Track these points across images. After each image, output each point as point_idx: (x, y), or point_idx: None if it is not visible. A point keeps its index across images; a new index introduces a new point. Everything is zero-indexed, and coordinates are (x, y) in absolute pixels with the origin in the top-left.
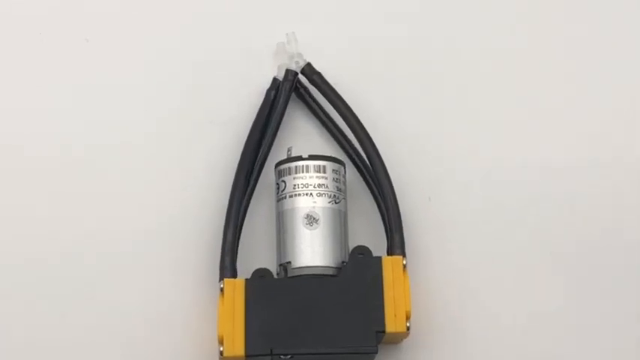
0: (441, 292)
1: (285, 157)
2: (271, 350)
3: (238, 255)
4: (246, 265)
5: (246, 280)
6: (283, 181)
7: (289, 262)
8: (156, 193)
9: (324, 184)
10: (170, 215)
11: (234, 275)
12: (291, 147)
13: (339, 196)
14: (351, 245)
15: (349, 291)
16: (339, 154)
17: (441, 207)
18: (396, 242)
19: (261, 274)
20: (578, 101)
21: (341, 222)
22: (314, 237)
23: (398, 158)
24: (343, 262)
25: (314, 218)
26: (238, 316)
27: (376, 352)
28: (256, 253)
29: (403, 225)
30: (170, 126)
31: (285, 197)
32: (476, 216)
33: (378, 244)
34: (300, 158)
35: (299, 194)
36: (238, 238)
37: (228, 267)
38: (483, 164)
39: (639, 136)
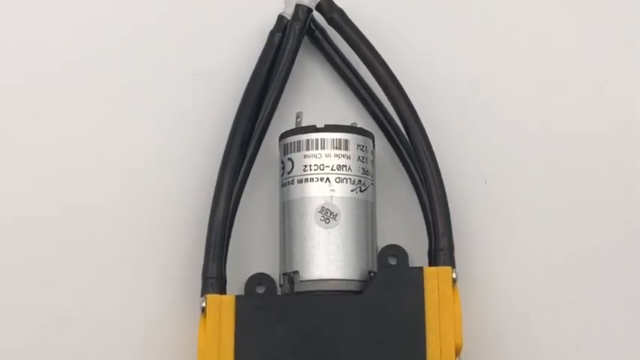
0: (500, 313)
1: (294, 126)
2: None
3: (229, 259)
4: (239, 274)
5: (238, 297)
6: (290, 160)
7: (296, 272)
8: (119, 172)
9: (345, 166)
10: (137, 205)
11: (221, 289)
12: (300, 112)
13: (366, 182)
14: (380, 246)
15: (378, 315)
16: (367, 123)
17: (501, 191)
18: (442, 247)
19: (257, 282)
20: None
21: (368, 217)
22: (331, 238)
23: (445, 128)
24: (370, 272)
25: (331, 212)
26: (226, 347)
27: None
28: (253, 257)
29: (452, 219)
30: (138, 79)
31: (293, 182)
32: (548, 205)
33: (415, 245)
34: (313, 129)
35: (311, 179)
36: (228, 237)
37: (212, 277)
38: (556, 139)
39: None
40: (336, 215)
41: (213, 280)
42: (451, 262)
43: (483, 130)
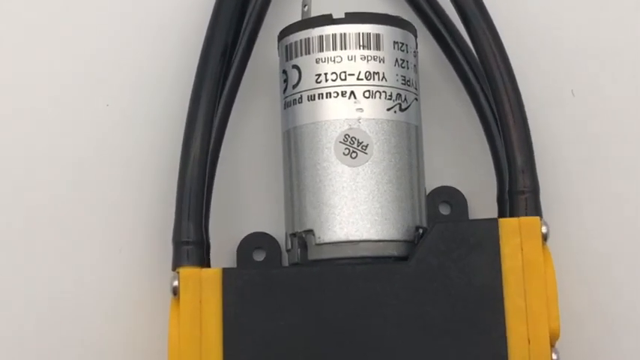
0: (603, 282)
1: (300, 17)
2: None
3: (213, 218)
4: (228, 238)
5: (226, 270)
6: (296, 68)
7: (310, 232)
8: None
9: (377, 73)
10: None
11: (201, 259)
12: None
13: (408, 97)
14: (427, 189)
15: (432, 292)
16: (405, 12)
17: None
18: (523, 188)
19: (254, 245)
20: None
21: (412, 148)
22: (360, 181)
23: (522, 24)
24: (418, 229)
25: (359, 142)
26: (209, 343)
27: None
28: (246, 213)
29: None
30: None
31: (301, 100)
32: None
33: (474, 188)
34: (328, 20)
35: (328, 94)
36: (210, 186)
37: (187, 242)
38: None
39: None
40: (366, 146)
41: (190, 246)
42: (537, 211)
43: (574, 29)
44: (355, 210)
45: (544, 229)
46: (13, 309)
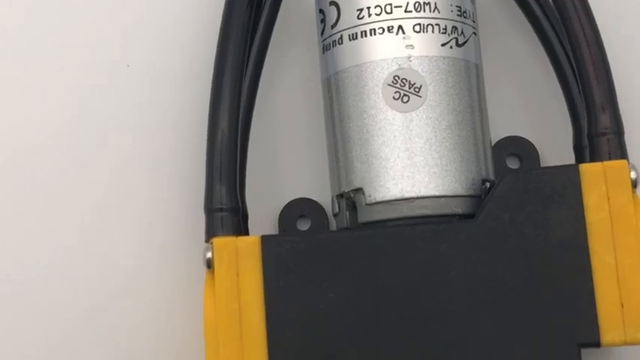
0: None
1: None
2: None
3: (250, 185)
4: (267, 206)
5: (266, 237)
6: (334, 5)
7: (359, 191)
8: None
9: (428, 4)
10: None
11: (237, 227)
12: None
13: (465, 30)
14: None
15: (505, 253)
16: None
17: None
18: (604, 129)
19: (297, 214)
20: None
21: (472, 89)
22: (414, 128)
23: None
24: (485, 182)
25: (411, 84)
26: (250, 319)
27: None
28: (286, 177)
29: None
30: None
31: (341, 41)
32: None
33: (546, 136)
34: None
35: (372, 31)
36: (244, 146)
37: (221, 209)
38: None
39: None
40: (419, 88)
41: (224, 213)
42: (622, 153)
43: None
44: (410, 162)
45: (633, 175)
46: (46, 286)
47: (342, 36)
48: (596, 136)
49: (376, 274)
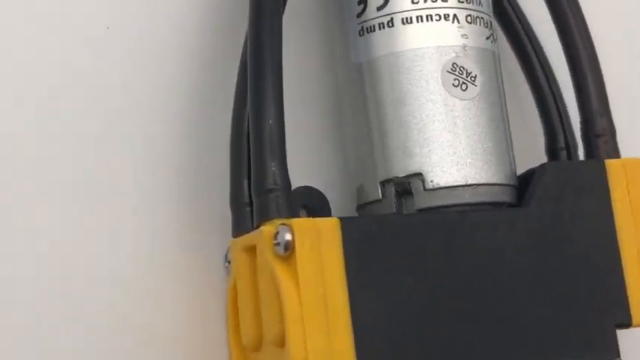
0: None
1: None
2: None
3: None
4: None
5: (344, 219)
6: None
7: (418, 176)
8: None
9: None
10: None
11: (291, 210)
12: None
13: (494, 26)
14: None
15: (556, 238)
16: None
17: None
18: (602, 130)
19: (298, 203)
20: None
21: (500, 83)
22: (472, 116)
23: None
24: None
25: (468, 73)
26: (335, 303)
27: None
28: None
29: None
30: None
31: (392, 23)
32: None
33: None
34: None
35: (429, 17)
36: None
37: (277, 188)
38: None
39: None
40: (475, 77)
41: (278, 193)
42: (617, 153)
43: None
44: (472, 149)
45: None
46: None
47: (392, 19)
48: (594, 138)
49: (451, 257)
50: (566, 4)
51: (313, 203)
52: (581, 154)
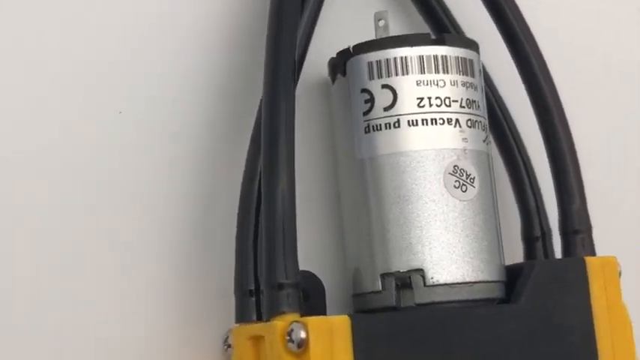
0: None
1: (374, 33)
2: None
3: None
4: None
5: (354, 316)
6: (388, 88)
7: (419, 271)
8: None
9: (475, 102)
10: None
11: (300, 305)
12: (384, 12)
13: (487, 127)
14: None
15: (544, 332)
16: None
17: None
18: (580, 227)
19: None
20: None
21: (493, 183)
22: (470, 216)
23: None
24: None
25: (467, 175)
26: None
27: None
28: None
29: None
30: None
31: (398, 124)
32: None
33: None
34: (427, 39)
35: (434, 120)
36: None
37: (289, 285)
38: None
39: None
40: (474, 179)
41: (290, 290)
42: (592, 250)
43: None
44: (470, 248)
45: (619, 269)
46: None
47: (399, 120)
48: (572, 234)
49: (451, 352)
50: (551, 99)
51: (308, 286)
52: (556, 244)
